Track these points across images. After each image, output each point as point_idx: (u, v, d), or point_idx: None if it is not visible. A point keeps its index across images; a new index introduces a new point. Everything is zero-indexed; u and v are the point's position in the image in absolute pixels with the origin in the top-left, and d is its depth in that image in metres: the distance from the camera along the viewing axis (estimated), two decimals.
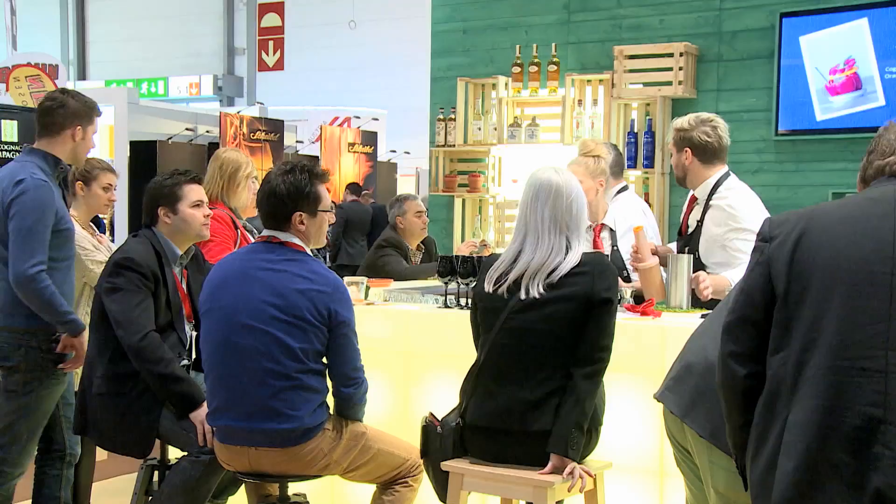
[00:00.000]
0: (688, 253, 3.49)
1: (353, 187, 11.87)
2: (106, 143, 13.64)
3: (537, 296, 2.64)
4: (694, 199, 3.63)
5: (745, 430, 1.86)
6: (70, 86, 15.57)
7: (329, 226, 3.01)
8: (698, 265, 3.48)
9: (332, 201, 12.82)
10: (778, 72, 5.72)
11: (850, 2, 5.55)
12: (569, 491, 2.62)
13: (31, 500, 3.34)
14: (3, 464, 3.18)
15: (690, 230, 3.60)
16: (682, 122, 3.54)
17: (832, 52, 5.57)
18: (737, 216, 3.42)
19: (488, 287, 2.71)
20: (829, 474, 1.69)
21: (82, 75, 23.56)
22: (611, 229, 3.87)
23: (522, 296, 2.65)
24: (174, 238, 3.17)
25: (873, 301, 1.71)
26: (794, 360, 1.77)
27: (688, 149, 3.49)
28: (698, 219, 3.55)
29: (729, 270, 3.39)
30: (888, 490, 1.65)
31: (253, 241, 3.79)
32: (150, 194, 3.18)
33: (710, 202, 3.50)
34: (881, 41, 5.47)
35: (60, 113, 3.22)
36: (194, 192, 3.19)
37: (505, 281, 2.69)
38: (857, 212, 1.82)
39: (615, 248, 3.84)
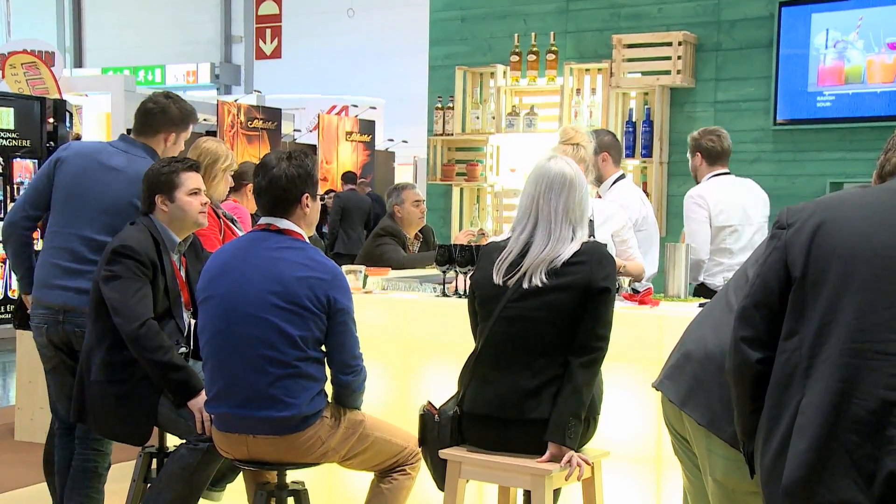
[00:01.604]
0: None
1: (348, 176, 11.85)
2: (102, 130, 13.62)
3: (540, 284, 2.64)
4: None
5: (754, 416, 1.86)
6: (66, 73, 15.51)
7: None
8: None
9: (332, 189, 12.72)
10: (777, 61, 5.71)
11: None
12: (566, 479, 2.62)
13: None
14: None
15: None
16: (694, 133, 4.53)
17: (830, 40, 5.57)
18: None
19: (497, 278, 2.70)
20: (841, 456, 1.70)
21: (79, 62, 23.48)
22: (590, 219, 3.85)
23: (525, 284, 2.65)
24: (172, 226, 3.16)
25: (891, 286, 1.72)
26: (809, 344, 1.77)
27: (699, 153, 4.46)
28: None
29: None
30: None
31: (238, 230, 3.79)
32: (148, 182, 3.17)
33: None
34: (878, 31, 5.46)
35: (159, 118, 3.37)
36: (191, 179, 3.18)
37: (517, 272, 2.68)
38: (878, 200, 1.83)
39: (591, 236, 3.84)
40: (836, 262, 1.77)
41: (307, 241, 2.92)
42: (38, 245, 3.48)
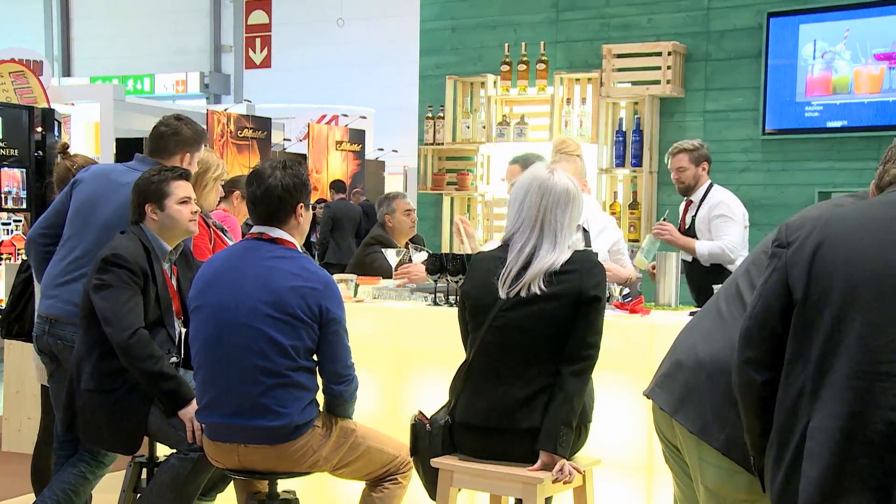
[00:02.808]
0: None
1: (337, 185, 11.84)
2: (92, 139, 13.58)
3: (538, 292, 2.64)
4: (690, 203, 4.82)
5: (764, 436, 1.85)
6: (54, 82, 15.47)
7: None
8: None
9: (322, 199, 12.65)
10: (765, 71, 5.75)
11: (836, 2, 5.58)
12: (552, 483, 2.62)
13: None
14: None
15: (688, 226, 4.81)
16: (691, 144, 4.78)
17: (817, 51, 5.61)
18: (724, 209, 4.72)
19: (502, 292, 2.68)
20: (853, 481, 1.68)
21: (67, 72, 23.40)
22: (584, 230, 3.87)
23: (523, 293, 2.65)
24: (162, 234, 3.15)
25: (895, 306, 1.70)
26: (815, 367, 1.75)
27: (706, 162, 4.76)
28: (693, 214, 4.79)
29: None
30: None
31: (228, 239, 3.79)
32: (138, 191, 3.16)
33: (705, 200, 4.76)
34: (864, 42, 5.50)
35: (174, 140, 3.40)
36: (181, 188, 3.18)
37: (519, 283, 2.67)
38: (877, 216, 1.80)
39: (588, 247, 3.86)
40: (838, 283, 1.74)
41: (300, 250, 2.92)
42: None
